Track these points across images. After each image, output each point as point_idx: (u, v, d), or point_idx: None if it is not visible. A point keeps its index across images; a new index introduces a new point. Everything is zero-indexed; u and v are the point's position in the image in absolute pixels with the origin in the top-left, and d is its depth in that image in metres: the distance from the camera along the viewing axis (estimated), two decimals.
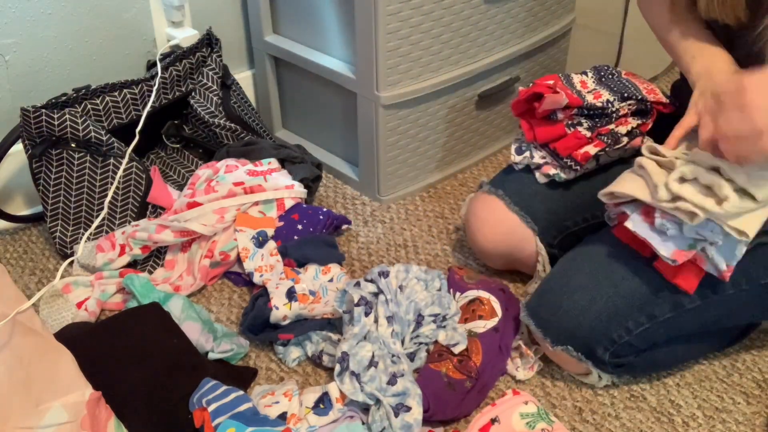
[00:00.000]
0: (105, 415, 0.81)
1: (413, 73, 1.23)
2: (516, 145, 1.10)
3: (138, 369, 0.87)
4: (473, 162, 1.47)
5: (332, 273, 1.10)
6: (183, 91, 1.30)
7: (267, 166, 1.23)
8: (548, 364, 1.00)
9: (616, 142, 1.01)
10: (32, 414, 0.76)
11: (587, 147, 1.01)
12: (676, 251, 0.83)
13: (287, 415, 0.87)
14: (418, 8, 1.17)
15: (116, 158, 1.17)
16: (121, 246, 1.13)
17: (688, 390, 0.96)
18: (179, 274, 1.14)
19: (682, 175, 0.81)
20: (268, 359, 1.01)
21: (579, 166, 1.02)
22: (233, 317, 1.09)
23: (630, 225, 0.86)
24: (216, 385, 0.85)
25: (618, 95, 1.02)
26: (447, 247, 1.24)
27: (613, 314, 0.88)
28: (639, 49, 1.61)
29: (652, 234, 0.84)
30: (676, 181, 0.81)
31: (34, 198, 1.28)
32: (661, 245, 0.83)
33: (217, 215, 1.14)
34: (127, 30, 1.32)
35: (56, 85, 1.27)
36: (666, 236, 0.83)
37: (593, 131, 1.01)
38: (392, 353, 0.91)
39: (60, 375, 0.81)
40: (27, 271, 1.18)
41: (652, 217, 0.84)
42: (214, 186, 1.17)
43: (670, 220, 0.83)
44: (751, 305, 0.91)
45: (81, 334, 0.95)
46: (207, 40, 1.32)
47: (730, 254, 0.82)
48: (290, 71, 1.44)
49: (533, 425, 0.85)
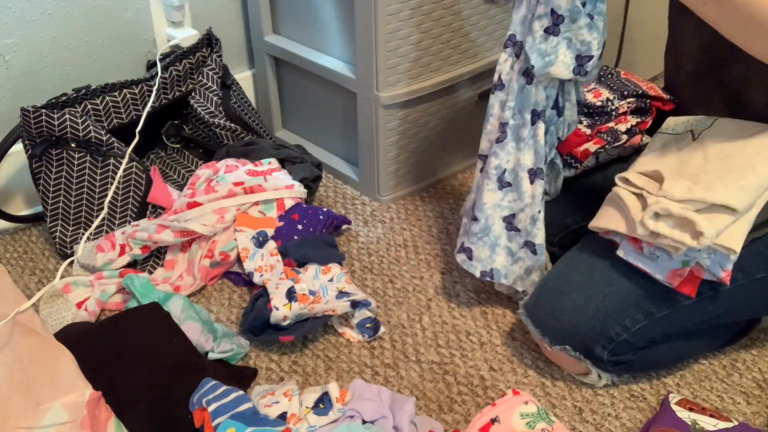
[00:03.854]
0: (105, 415, 0.81)
1: (413, 73, 1.23)
2: None
3: (138, 369, 0.87)
4: (473, 162, 1.47)
5: (332, 273, 1.10)
6: (183, 91, 1.30)
7: (267, 166, 1.23)
8: (548, 365, 1.00)
9: (615, 140, 1.02)
10: (32, 414, 0.76)
11: (587, 144, 1.02)
12: (671, 273, 0.84)
13: (287, 415, 0.87)
14: (418, 8, 1.17)
15: (116, 158, 1.17)
16: (121, 246, 1.13)
17: (688, 390, 0.96)
18: (179, 274, 1.14)
19: (656, 212, 0.81)
20: (268, 359, 1.01)
21: (579, 164, 1.03)
22: (233, 317, 1.09)
23: (621, 254, 0.87)
24: (216, 385, 0.85)
25: (617, 93, 1.03)
26: (447, 247, 1.24)
27: (610, 312, 0.88)
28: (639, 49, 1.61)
29: (645, 260, 0.85)
30: (651, 219, 0.81)
31: (34, 198, 1.28)
32: (655, 271, 0.85)
33: (217, 215, 1.14)
34: (127, 30, 1.32)
35: (56, 85, 1.27)
36: (657, 262, 0.84)
37: (593, 129, 1.02)
38: None
39: (60, 375, 0.81)
40: (27, 271, 1.18)
41: (641, 244, 0.85)
42: (214, 186, 1.17)
43: (657, 247, 0.83)
44: (748, 300, 0.91)
45: (81, 334, 0.95)
46: (207, 40, 1.32)
47: (725, 261, 0.82)
48: (290, 71, 1.44)
49: (533, 425, 0.85)
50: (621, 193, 0.86)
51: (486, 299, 1.12)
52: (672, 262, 0.83)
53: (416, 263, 1.20)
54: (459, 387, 0.97)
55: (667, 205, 0.80)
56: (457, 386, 0.97)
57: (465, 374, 0.99)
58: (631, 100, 1.03)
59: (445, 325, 1.07)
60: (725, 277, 0.82)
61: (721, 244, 0.79)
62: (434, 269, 1.19)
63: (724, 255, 0.81)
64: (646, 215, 0.81)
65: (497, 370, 1.00)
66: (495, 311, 1.10)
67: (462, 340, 1.04)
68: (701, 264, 0.82)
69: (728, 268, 0.82)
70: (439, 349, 1.03)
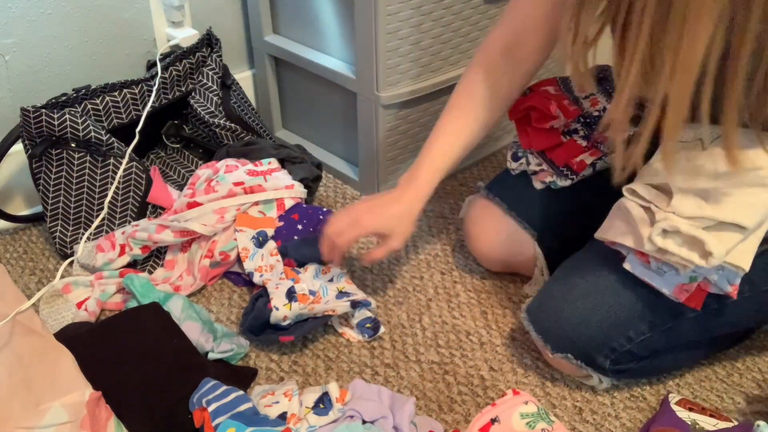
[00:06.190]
0: (105, 415, 0.81)
1: (413, 73, 1.23)
2: (512, 152, 1.09)
3: (138, 369, 0.87)
4: (473, 162, 1.47)
5: (332, 273, 1.10)
6: (183, 91, 1.30)
7: (267, 166, 1.23)
8: (548, 365, 1.00)
9: (612, 151, 1.01)
10: (32, 414, 0.76)
11: (583, 156, 1.01)
12: (678, 288, 0.82)
13: (287, 415, 0.87)
14: (418, 8, 1.17)
15: (116, 158, 1.17)
16: (121, 246, 1.13)
17: (688, 390, 0.96)
18: (179, 274, 1.14)
19: (665, 228, 0.79)
20: (268, 359, 1.01)
21: (575, 175, 1.02)
22: (233, 317, 1.09)
23: (628, 267, 0.85)
24: (216, 385, 0.85)
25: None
26: (447, 247, 1.24)
27: (614, 323, 0.88)
28: None
29: (652, 274, 0.84)
30: (659, 236, 0.79)
31: (34, 198, 1.28)
32: (662, 285, 0.83)
33: (217, 215, 1.14)
34: (127, 30, 1.32)
35: (56, 85, 1.27)
36: (664, 277, 0.83)
37: (589, 140, 1.01)
38: None
39: (60, 375, 0.81)
40: (27, 271, 1.18)
41: (648, 258, 0.83)
42: (214, 186, 1.17)
43: (664, 263, 0.82)
44: (753, 311, 0.91)
45: (81, 334, 0.95)
46: (207, 40, 1.32)
47: (733, 276, 0.81)
48: (290, 71, 1.44)
49: (533, 425, 0.85)
50: (629, 206, 0.84)
51: (486, 299, 1.12)
52: (679, 278, 0.82)
53: (416, 263, 1.20)
54: (459, 387, 0.97)
55: (676, 222, 0.78)
56: (457, 386, 0.97)
57: (465, 374, 0.99)
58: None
59: (445, 325, 1.07)
60: (732, 292, 0.81)
61: (730, 262, 0.78)
62: (434, 269, 1.19)
63: (733, 272, 0.80)
64: (654, 231, 0.79)
65: (497, 370, 1.00)
66: (495, 311, 1.10)
67: (462, 340, 1.04)
68: (708, 279, 0.81)
69: (736, 283, 0.81)
70: (439, 349, 1.03)
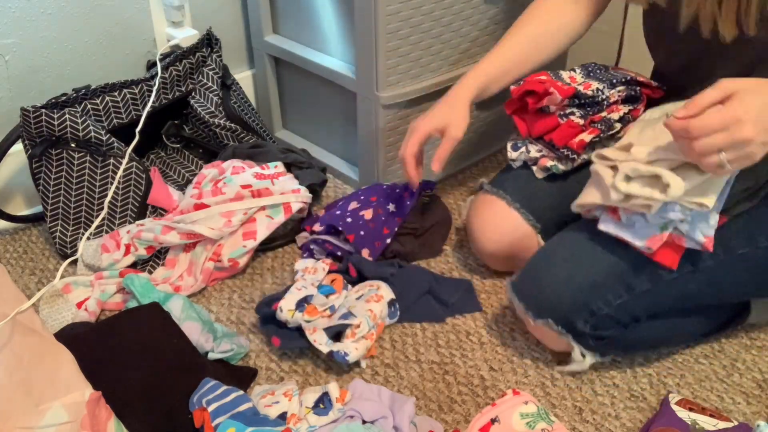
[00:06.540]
0: (105, 415, 0.81)
1: (413, 73, 1.23)
2: (511, 143, 1.11)
3: (138, 369, 0.87)
4: (473, 162, 1.47)
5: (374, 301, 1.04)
6: (183, 91, 1.30)
7: (274, 169, 1.23)
8: (548, 365, 1.00)
9: (609, 128, 1.03)
10: (32, 414, 0.76)
11: (582, 135, 1.03)
12: (650, 239, 0.85)
13: (287, 415, 0.87)
14: (418, 8, 1.17)
15: (116, 158, 1.17)
16: (126, 246, 1.13)
17: (688, 390, 0.96)
18: (179, 274, 1.14)
19: (627, 174, 0.83)
20: (268, 359, 1.01)
21: (576, 155, 1.04)
22: (233, 317, 1.09)
23: (602, 227, 0.89)
24: (216, 385, 0.85)
25: (607, 83, 1.04)
26: (447, 247, 1.24)
27: (592, 286, 0.90)
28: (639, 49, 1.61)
29: (623, 228, 0.87)
30: (623, 182, 0.83)
31: (34, 198, 1.28)
32: (634, 238, 0.86)
33: (225, 218, 1.13)
34: (127, 30, 1.32)
35: (56, 85, 1.27)
36: (635, 228, 0.86)
37: (586, 119, 1.03)
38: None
39: (60, 375, 0.81)
40: (27, 271, 1.18)
41: (618, 214, 0.87)
42: (221, 188, 1.16)
43: (633, 213, 0.85)
44: (730, 277, 0.92)
45: (81, 334, 0.95)
46: (207, 40, 1.32)
47: (705, 224, 0.83)
48: (290, 71, 1.44)
49: (533, 425, 0.85)
50: (597, 168, 0.89)
51: (486, 299, 1.12)
52: (650, 228, 0.85)
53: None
54: (459, 387, 0.97)
55: (636, 166, 0.82)
56: (457, 386, 0.97)
57: (465, 374, 0.99)
58: (621, 88, 1.04)
59: (445, 325, 1.07)
60: (707, 243, 0.84)
61: (691, 200, 0.80)
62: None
63: (701, 216, 0.83)
64: (618, 178, 0.83)
65: (497, 370, 1.00)
66: (495, 311, 1.10)
67: (462, 340, 1.04)
68: (680, 229, 0.84)
69: (709, 234, 0.83)
70: (439, 349, 1.03)
